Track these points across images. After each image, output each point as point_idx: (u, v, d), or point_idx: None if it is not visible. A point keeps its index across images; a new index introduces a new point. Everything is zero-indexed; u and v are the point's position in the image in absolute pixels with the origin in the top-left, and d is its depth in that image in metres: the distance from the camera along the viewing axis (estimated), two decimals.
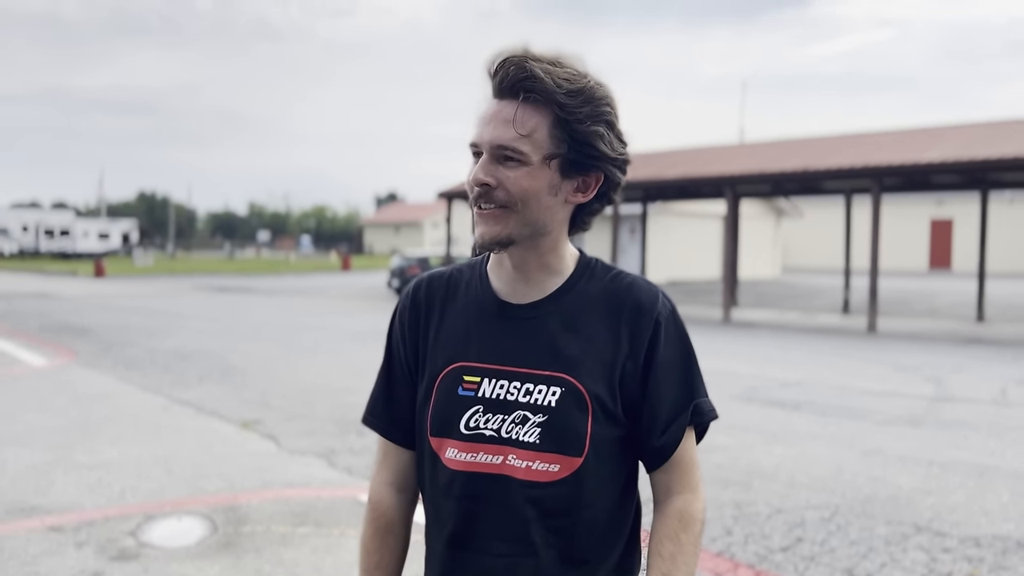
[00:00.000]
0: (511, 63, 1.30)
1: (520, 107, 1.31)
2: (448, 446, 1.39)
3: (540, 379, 1.36)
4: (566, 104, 1.30)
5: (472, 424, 1.38)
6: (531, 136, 1.31)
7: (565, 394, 1.35)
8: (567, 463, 1.35)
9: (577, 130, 1.32)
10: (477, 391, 1.38)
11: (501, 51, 1.33)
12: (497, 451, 1.36)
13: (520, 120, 1.30)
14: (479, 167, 1.33)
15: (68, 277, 35.29)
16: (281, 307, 20.85)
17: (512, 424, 1.36)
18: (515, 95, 1.31)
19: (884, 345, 13.66)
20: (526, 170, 1.32)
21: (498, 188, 1.32)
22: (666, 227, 31.12)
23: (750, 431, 7.18)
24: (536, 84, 1.29)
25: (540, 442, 1.35)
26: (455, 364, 1.41)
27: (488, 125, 1.33)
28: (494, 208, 1.33)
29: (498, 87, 1.33)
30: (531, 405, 1.36)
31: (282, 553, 4.36)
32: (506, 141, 1.31)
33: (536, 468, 1.35)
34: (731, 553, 4.39)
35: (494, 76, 1.33)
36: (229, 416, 7.76)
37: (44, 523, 4.76)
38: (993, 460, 6.24)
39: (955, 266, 41.77)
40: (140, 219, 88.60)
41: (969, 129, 18.41)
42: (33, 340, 13.44)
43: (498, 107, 1.32)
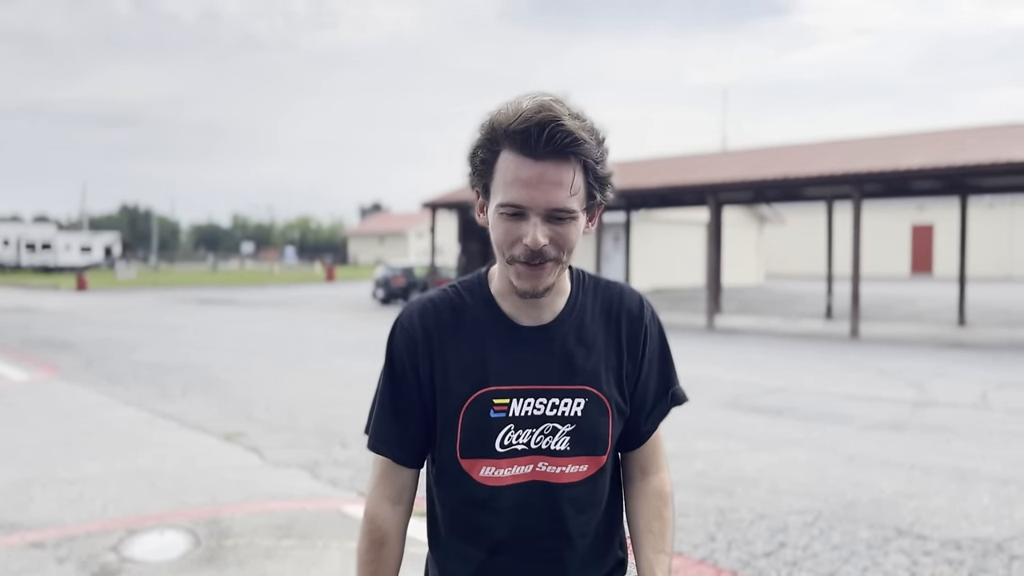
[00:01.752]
0: (554, 126, 1.34)
1: (573, 171, 1.38)
2: (482, 465, 1.50)
3: (565, 393, 1.50)
4: (596, 156, 1.41)
5: (506, 442, 1.49)
6: (578, 194, 1.40)
7: (589, 404, 1.50)
8: (594, 462, 1.52)
9: (600, 175, 1.43)
10: (508, 411, 1.48)
11: (519, 108, 1.37)
12: (529, 461, 1.50)
13: (573, 185, 1.38)
14: (537, 232, 1.38)
15: (50, 291, 35.04)
16: (265, 319, 20.78)
17: (541, 436, 1.49)
18: (561, 157, 1.37)
19: (866, 350, 13.75)
20: (574, 224, 1.42)
21: (550, 245, 1.40)
22: (649, 235, 31.21)
23: (733, 437, 7.21)
24: (581, 148, 1.37)
25: (570, 448, 1.50)
26: (484, 389, 1.49)
27: (535, 189, 1.37)
28: (545, 263, 1.42)
29: (542, 149, 1.36)
30: (559, 417, 1.49)
31: (266, 566, 4.34)
32: (561, 203, 1.38)
33: (569, 471, 1.51)
34: (714, 559, 4.41)
35: (532, 137, 1.35)
36: (212, 429, 7.72)
37: (24, 539, 4.72)
38: (974, 464, 6.28)
39: (937, 271, 42.10)
40: (123, 232, 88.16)
41: (948, 135, 18.60)
42: (14, 355, 13.33)
43: (541, 169, 1.37)
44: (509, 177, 1.38)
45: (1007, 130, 17.50)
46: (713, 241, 18.98)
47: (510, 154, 1.38)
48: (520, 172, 1.37)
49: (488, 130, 1.41)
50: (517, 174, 1.37)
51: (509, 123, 1.37)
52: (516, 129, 1.36)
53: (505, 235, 1.41)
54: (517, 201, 1.38)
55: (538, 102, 1.37)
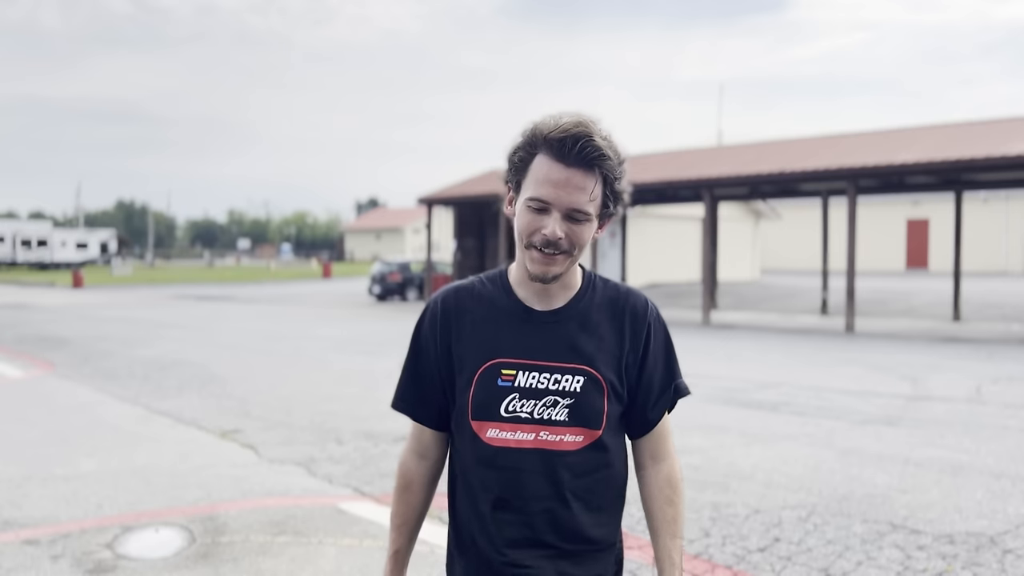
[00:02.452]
0: (585, 139, 1.59)
1: (595, 180, 1.62)
2: (489, 427, 1.71)
3: (566, 371, 1.71)
4: (616, 172, 1.65)
5: (510, 408, 1.70)
6: (595, 200, 1.64)
7: (587, 381, 1.71)
8: (589, 434, 1.71)
9: (617, 188, 1.67)
10: (514, 381, 1.71)
11: (560, 121, 1.62)
12: (531, 429, 1.70)
13: (593, 192, 1.63)
14: (557, 225, 1.62)
15: (46, 288, 34.98)
16: (261, 316, 20.76)
17: (543, 407, 1.70)
18: (587, 167, 1.61)
19: (862, 345, 13.78)
20: (588, 225, 1.66)
21: (565, 239, 1.64)
22: (645, 230, 31.21)
23: (728, 432, 7.23)
24: (605, 161, 1.62)
25: (569, 420, 1.70)
26: (494, 360, 1.72)
27: (561, 189, 1.61)
28: (558, 254, 1.65)
29: (573, 157, 1.60)
30: (560, 391, 1.70)
31: (261, 563, 4.35)
32: (581, 206, 1.62)
33: (566, 440, 1.70)
34: (709, 554, 4.42)
35: (566, 146, 1.60)
36: (208, 426, 7.72)
37: (19, 536, 4.72)
38: (968, 458, 6.30)
39: (932, 266, 42.14)
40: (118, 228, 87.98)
41: (943, 130, 18.62)
42: (10, 352, 13.31)
43: (569, 174, 1.61)
44: (541, 177, 1.63)
45: (1002, 125, 17.52)
46: (709, 236, 18.99)
47: (545, 158, 1.63)
48: (551, 174, 1.62)
49: (529, 135, 1.65)
50: (548, 175, 1.62)
51: (549, 131, 1.62)
52: (554, 137, 1.61)
53: (528, 224, 1.65)
54: (545, 197, 1.62)
55: (577, 118, 1.62)
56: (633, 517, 4.98)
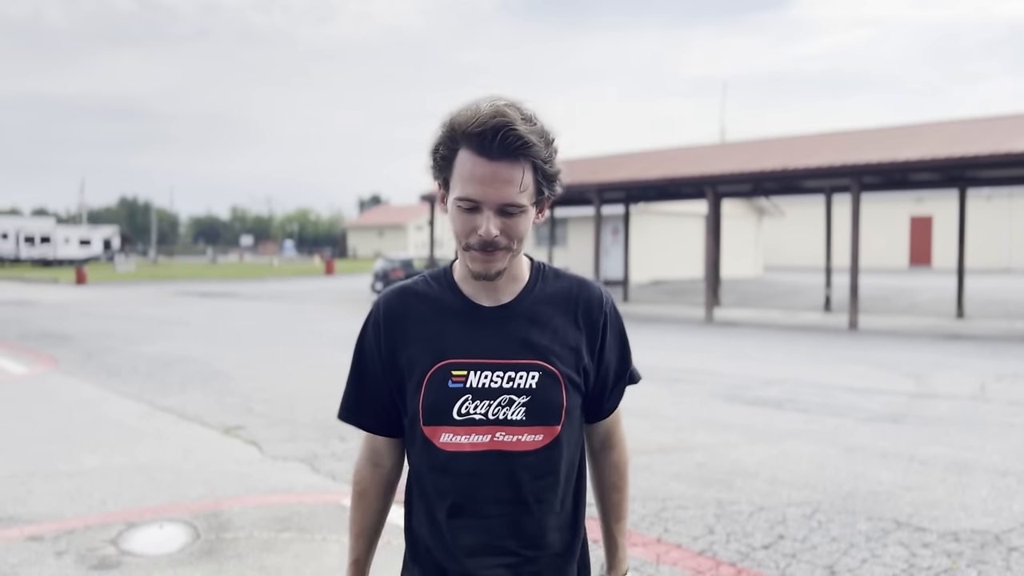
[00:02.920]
0: (506, 130, 1.50)
1: (523, 170, 1.54)
2: (442, 432, 1.63)
3: (520, 367, 1.63)
4: (544, 157, 1.56)
5: (463, 411, 1.62)
6: (527, 191, 1.56)
7: (543, 376, 1.64)
8: (548, 432, 1.64)
9: (549, 172, 1.59)
10: (465, 383, 1.62)
11: (477, 111, 1.53)
12: (487, 431, 1.62)
13: (523, 182, 1.54)
14: (490, 224, 1.55)
15: (49, 284, 35.01)
16: (264, 312, 20.77)
17: (498, 407, 1.62)
18: (513, 158, 1.52)
19: (865, 342, 13.76)
20: (524, 217, 1.58)
21: (501, 235, 1.56)
22: (648, 227, 31.19)
23: (732, 430, 7.22)
24: (531, 150, 1.53)
25: (526, 418, 1.62)
26: (443, 362, 1.64)
27: (489, 186, 1.53)
28: (497, 251, 1.58)
29: (495, 150, 1.51)
30: (515, 389, 1.62)
31: (265, 559, 4.35)
32: (512, 199, 1.54)
33: (524, 440, 1.63)
34: (713, 552, 4.41)
35: (487, 140, 1.51)
36: (211, 422, 7.72)
37: (23, 532, 4.73)
38: (972, 455, 6.29)
39: (935, 263, 42.08)
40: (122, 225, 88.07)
41: (947, 127, 18.57)
42: (13, 348, 13.33)
43: (494, 168, 1.52)
44: (466, 174, 1.54)
45: (1006, 121, 17.47)
46: (712, 233, 18.97)
47: (467, 153, 1.54)
48: (476, 170, 1.53)
49: (448, 130, 1.56)
50: (473, 172, 1.53)
51: (467, 125, 1.52)
52: (473, 132, 1.51)
53: (462, 226, 1.57)
54: (472, 196, 1.54)
55: (494, 107, 1.52)
56: (636, 514, 4.98)
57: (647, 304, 21.90)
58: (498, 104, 1.54)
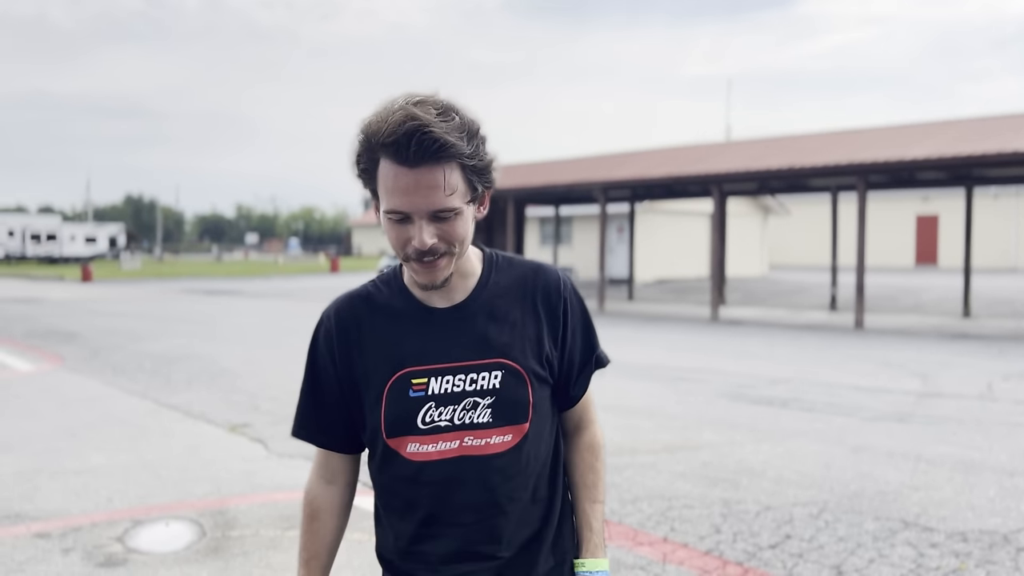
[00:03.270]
0: (420, 134, 1.39)
1: (447, 172, 1.44)
2: (408, 442, 1.57)
3: (482, 368, 1.57)
4: (469, 153, 1.46)
5: (428, 419, 1.56)
6: (456, 191, 1.46)
7: (506, 375, 1.57)
8: (517, 430, 1.58)
9: (478, 167, 1.49)
10: (427, 390, 1.56)
11: (387, 117, 1.42)
12: (454, 437, 1.56)
13: (448, 184, 1.44)
14: (423, 233, 1.46)
15: (55, 282, 35.08)
16: (269, 310, 20.80)
17: (464, 411, 1.56)
18: (433, 162, 1.42)
19: (871, 341, 13.72)
20: (460, 219, 1.49)
21: (439, 242, 1.48)
22: (653, 226, 31.17)
23: (738, 429, 7.20)
24: (449, 149, 1.42)
25: (493, 420, 1.56)
26: (401, 371, 1.57)
27: (414, 195, 1.44)
28: (438, 258, 1.50)
29: (413, 158, 1.41)
30: (478, 391, 1.56)
31: (271, 557, 4.34)
32: (441, 204, 1.45)
33: (493, 442, 1.57)
34: (719, 551, 4.40)
35: (402, 148, 1.41)
36: (217, 420, 7.73)
37: (30, 530, 4.73)
38: (980, 455, 6.27)
39: (941, 262, 41.99)
40: (127, 223, 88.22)
41: (954, 126, 18.51)
42: (19, 345, 13.36)
43: (416, 175, 1.42)
44: (389, 185, 1.46)
45: (1013, 120, 17.41)
46: (717, 232, 18.94)
47: (387, 163, 1.45)
48: (398, 181, 1.44)
49: (364, 140, 1.47)
50: (396, 182, 1.44)
51: (380, 135, 1.43)
52: (387, 141, 1.42)
53: (396, 238, 1.50)
54: (400, 208, 1.46)
55: (404, 111, 1.41)
56: (643, 513, 4.97)
57: (652, 303, 21.88)
58: (408, 107, 1.43)
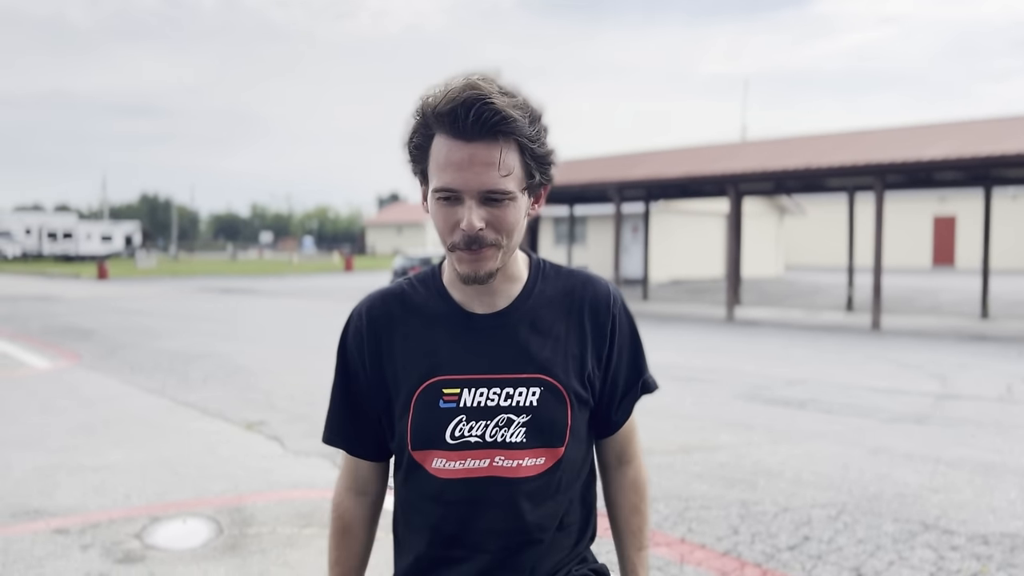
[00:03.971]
0: (480, 104, 1.30)
1: (505, 150, 1.33)
2: (434, 457, 1.46)
3: (519, 382, 1.45)
4: (530, 134, 1.35)
5: (457, 434, 1.45)
6: (512, 174, 1.35)
7: (545, 392, 1.46)
8: (551, 454, 1.47)
9: (538, 153, 1.38)
10: (458, 402, 1.45)
11: (446, 88, 1.33)
12: (484, 455, 1.45)
13: (504, 163, 1.33)
14: (472, 215, 1.34)
15: (71, 280, 35.32)
16: (284, 308, 20.86)
17: (496, 428, 1.44)
18: (491, 137, 1.32)
19: (888, 342, 13.64)
20: (512, 206, 1.37)
21: (488, 228, 1.36)
22: (669, 226, 31.08)
23: (755, 430, 7.16)
24: (511, 125, 1.32)
25: (526, 440, 1.45)
26: (433, 379, 1.46)
27: (467, 171, 1.33)
28: (485, 247, 1.38)
29: (470, 130, 1.31)
30: (514, 408, 1.45)
31: (288, 554, 4.35)
32: (494, 185, 1.33)
33: (525, 464, 1.45)
34: (738, 552, 4.37)
35: (459, 118, 1.31)
36: (233, 418, 7.75)
37: (49, 525, 4.76)
38: (1000, 457, 6.21)
39: (959, 263, 41.69)
40: (143, 221, 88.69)
41: (972, 126, 18.37)
42: (37, 342, 13.45)
43: (472, 150, 1.32)
44: (441, 160, 1.35)
45: None
46: (733, 232, 18.86)
47: (441, 138, 1.35)
48: (451, 155, 1.33)
49: (420, 114, 1.37)
50: (448, 157, 1.34)
51: (437, 104, 1.33)
52: (443, 110, 1.32)
53: (443, 221, 1.38)
54: (450, 185, 1.34)
55: (465, 81, 1.33)
56: (660, 514, 4.95)
57: (667, 303, 21.81)
58: (471, 78, 1.33)
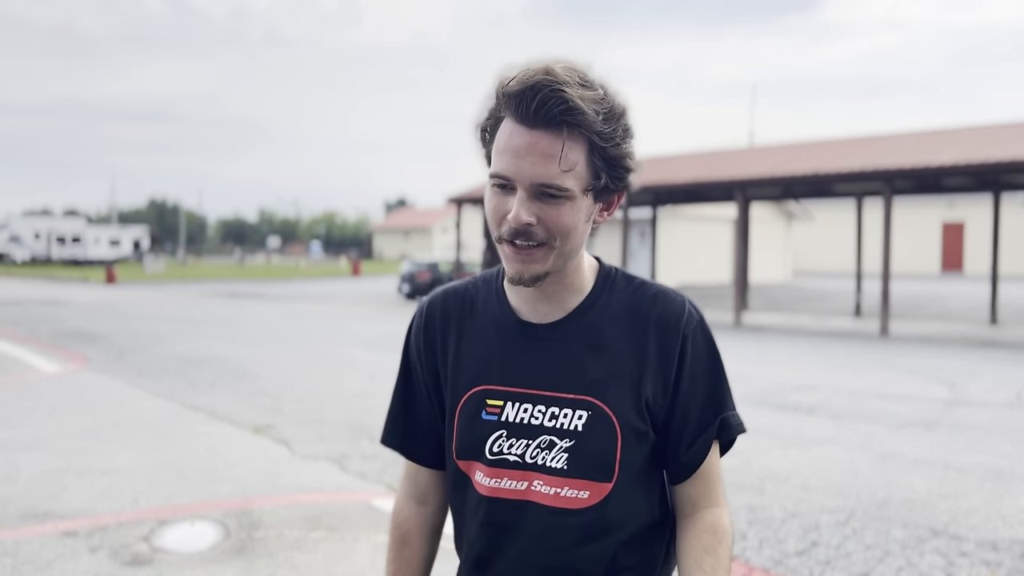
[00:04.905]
0: (548, 91, 1.19)
1: (568, 143, 1.21)
2: (476, 469, 1.37)
3: (565, 402, 1.31)
4: (602, 131, 1.23)
5: (496, 449, 1.34)
6: (573, 170, 1.22)
7: (592, 418, 1.30)
8: (597, 489, 1.31)
9: (611, 154, 1.25)
10: (500, 415, 1.34)
11: (523, 70, 1.23)
12: (522, 477, 1.33)
13: (566, 157, 1.21)
14: (521, 207, 1.22)
15: (80, 284, 35.43)
16: (292, 313, 20.89)
17: (538, 449, 1.32)
18: (555, 127, 1.20)
19: (897, 348, 13.59)
20: (569, 205, 1.24)
21: (538, 225, 1.24)
22: (676, 231, 31.05)
23: (763, 435, 7.14)
24: (579, 117, 1.20)
25: (568, 468, 1.31)
26: (477, 388, 1.36)
27: (524, 159, 1.21)
28: (533, 246, 1.26)
29: (534, 116, 1.20)
30: (557, 430, 1.31)
31: (295, 558, 4.35)
32: (551, 179, 1.21)
33: (565, 495, 1.31)
34: (746, 557, 4.36)
35: (525, 102, 1.20)
36: (241, 421, 7.76)
37: (58, 528, 4.77)
38: (1009, 463, 6.18)
39: (967, 269, 41.54)
40: (151, 226, 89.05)
41: (981, 131, 18.32)
42: (45, 346, 13.49)
43: (533, 138, 1.21)
44: (502, 145, 1.24)
45: None
46: (741, 237, 18.84)
47: (508, 121, 1.24)
48: (512, 140, 1.22)
49: (494, 95, 1.26)
50: (509, 142, 1.23)
51: (508, 85, 1.22)
52: (512, 91, 1.21)
53: (493, 210, 1.26)
54: (504, 171, 1.23)
55: (543, 67, 1.21)
56: None
57: None
58: (552, 63, 1.22)
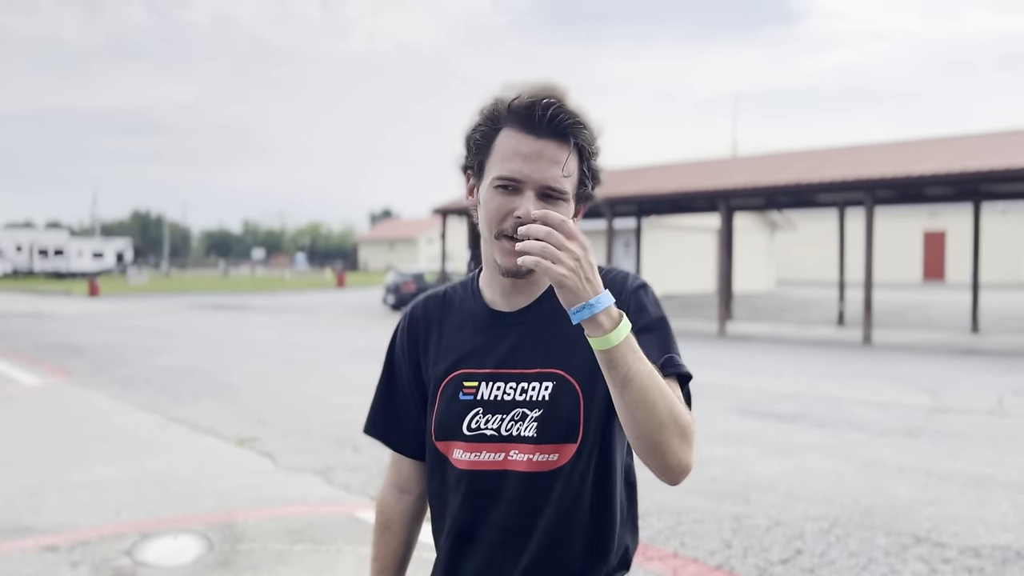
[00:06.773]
0: (556, 106, 1.39)
1: (569, 152, 1.41)
2: (455, 448, 1.51)
3: (533, 377, 1.48)
4: (592, 145, 1.44)
5: (474, 425, 1.49)
6: (571, 177, 1.43)
7: (557, 387, 1.47)
8: (565, 451, 1.46)
9: (592, 165, 1.46)
10: (476, 394, 1.50)
11: (528, 87, 1.42)
12: (499, 448, 1.48)
13: (567, 165, 1.41)
14: (530, 204, 1.39)
15: (62, 296, 35.18)
16: (276, 325, 20.81)
17: (511, 422, 1.48)
18: (561, 137, 1.40)
19: (880, 357, 13.67)
20: (565, 207, 1.43)
21: None
22: (660, 241, 31.16)
23: (747, 443, 7.17)
24: (577, 128, 1.41)
25: (538, 435, 1.46)
26: (455, 372, 1.54)
27: (533, 164, 1.40)
28: None
29: (544, 126, 1.39)
30: (527, 402, 1.47)
31: (279, 571, 4.33)
32: (555, 183, 1.40)
33: (537, 460, 1.46)
34: (730, 566, 4.37)
35: (536, 114, 1.39)
36: (225, 434, 7.72)
37: (38, 543, 4.72)
38: (991, 470, 6.23)
39: (949, 277, 41.87)
40: (134, 238, 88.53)
41: (961, 141, 18.50)
42: (27, 360, 13.38)
43: (540, 145, 1.40)
44: (509, 151, 1.41)
45: (1021, 136, 17.39)
46: (724, 247, 18.92)
47: (511, 131, 1.42)
48: (520, 147, 1.40)
49: (491, 109, 1.45)
50: (517, 148, 1.41)
51: (515, 100, 1.41)
52: (521, 105, 1.40)
53: (497, 209, 1.42)
54: (515, 174, 1.40)
55: (544, 84, 1.42)
56: (652, 528, 4.94)
57: None
58: (549, 82, 1.44)
